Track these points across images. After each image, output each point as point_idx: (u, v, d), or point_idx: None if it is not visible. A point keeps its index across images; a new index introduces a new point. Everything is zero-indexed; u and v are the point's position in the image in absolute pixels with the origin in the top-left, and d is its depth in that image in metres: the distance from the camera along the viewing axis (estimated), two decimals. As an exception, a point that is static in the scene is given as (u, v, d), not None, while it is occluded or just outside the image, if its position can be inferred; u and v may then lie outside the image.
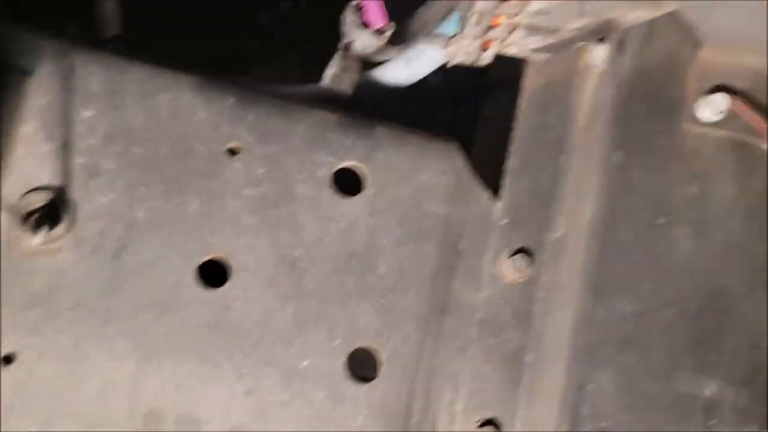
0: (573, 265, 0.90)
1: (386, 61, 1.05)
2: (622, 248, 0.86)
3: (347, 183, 0.98)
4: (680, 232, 0.88)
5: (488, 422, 0.93)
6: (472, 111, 1.26)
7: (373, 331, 0.95)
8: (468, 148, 1.06)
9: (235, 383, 0.90)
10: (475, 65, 0.97)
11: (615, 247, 0.86)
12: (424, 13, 1.02)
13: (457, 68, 1.45)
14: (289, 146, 0.96)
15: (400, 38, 0.99)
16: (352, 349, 0.94)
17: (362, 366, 0.95)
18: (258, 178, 0.94)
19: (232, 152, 0.94)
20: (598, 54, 0.99)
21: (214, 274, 0.93)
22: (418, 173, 0.98)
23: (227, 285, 0.92)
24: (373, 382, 0.93)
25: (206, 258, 0.92)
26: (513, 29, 0.88)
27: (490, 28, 0.87)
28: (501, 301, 0.97)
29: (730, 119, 0.89)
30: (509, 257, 0.97)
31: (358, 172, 0.97)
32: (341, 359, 0.93)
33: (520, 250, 0.97)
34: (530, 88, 1.02)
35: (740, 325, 0.86)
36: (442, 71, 1.45)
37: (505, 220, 0.99)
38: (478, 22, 0.85)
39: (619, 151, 0.89)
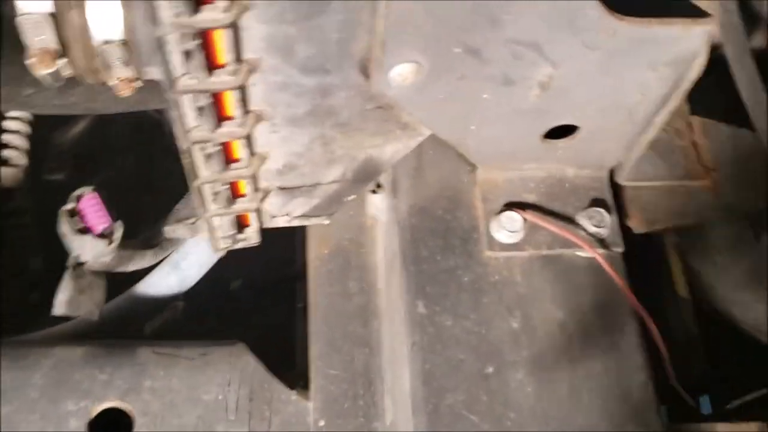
0: (408, 455, 0.72)
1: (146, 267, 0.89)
2: (453, 416, 0.69)
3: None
4: (515, 377, 0.72)
5: None
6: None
7: None
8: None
9: None
10: (250, 245, 0.83)
11: (445, 418, 0.69)
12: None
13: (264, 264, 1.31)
14: (25, 402, 0.75)
15: (149, 238, 0.84)
16: None
17: None
18: (-16, 457, 0.72)
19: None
20: (378, 204, 0.89)
21: None
22: (200, 393, 0.79)
23: None
24: None
25: None
26: (265, 195, 0.75)
27: (235, 198, 0.74)
28: None
29: (531, 235, 0.79)
30: (337, 466, 0.78)
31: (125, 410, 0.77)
32: None
33: (349, 453, 0.79)
34: (317, 259, 0.89)
35: (622, 470, 0.70)
36: (243, 272, 1.32)
37: (322, 422, 0.80)
38: (214, 198, 0.71)
39: (420, 302, 0.74)
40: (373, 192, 0.87)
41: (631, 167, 0.84)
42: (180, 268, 0.91)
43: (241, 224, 0.79)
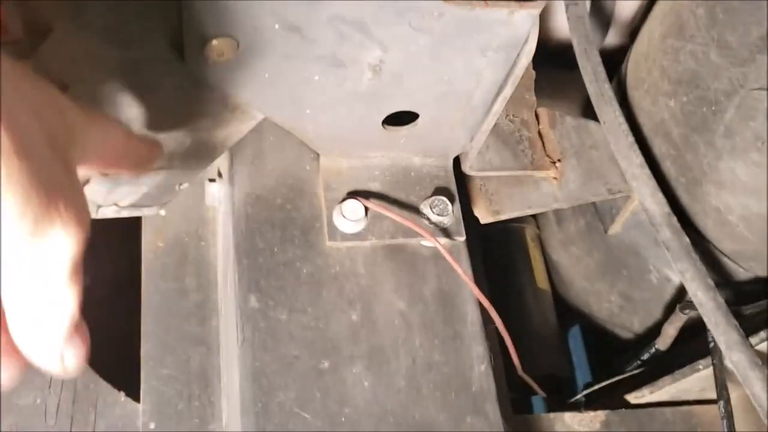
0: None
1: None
2: (284, 415, 0.66)
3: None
4: (352, 371, 0.70)
5: None
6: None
7: None
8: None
9: None
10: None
11: (275, 417, 0.66)
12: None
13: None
14: None
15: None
16: None
17: None
18: None
19: None
20: (215, 194, 0.84)
21: None
22: (15, 398, 0.72)
23: None
24: None
25: None
26: (84, 182, 0.69)
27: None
28: None
29: (374, 225, 0.76)
30: (167, 472, 0.73)
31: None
32: None
33: (181, 459, 0.74)
34: (151, 253, 0.84)
35: (458, 462, 0.68)
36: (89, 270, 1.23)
37: (153, 424, 0.75)
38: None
39: (252, 296, 0.71)
40: (212, 181, 0.83)
41: (477, 157, 0.83)
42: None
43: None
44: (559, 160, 0.88)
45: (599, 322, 1.16)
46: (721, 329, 0.77)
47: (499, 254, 1.19)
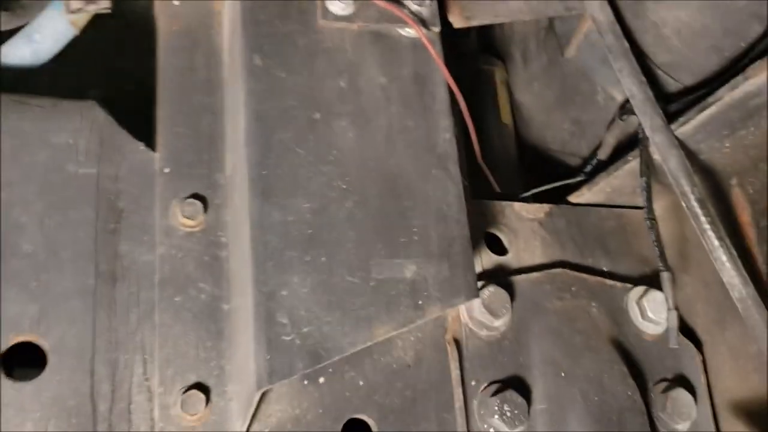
0: (242, 185, 0.82)
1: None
2: (283, 149, 0.80)
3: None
4: (339, 124, 0.83)
5: (194, 386, 0.80)
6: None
7: (29, 321, 0.78)
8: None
9: None
10: (102, 9, 0.88)
11: (275, 149, 0.80)
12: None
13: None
14: None
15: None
16: (7, 346, 0.76)
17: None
18: None
19: None
20: (226, -15, 0.96)
21: None
22: (50, 136, 0.85)
23: None
24: (38, 378, 0.76)
25: None
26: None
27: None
28: (181, 254, 0.86)
29: (362, 10, 0.89)
30: (180, 206, 0.87)
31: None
32: (-9, 361, 0.75)
33: (191, 197, 0.88)
34: (167, 33, 0.96)
35: (422, 203, 0.83)
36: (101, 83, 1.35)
37: (168, 169, 0.89)
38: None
39: (256, 56, 0.83)
40: (222, -29, 0.94)
41: (454, -33, 0.96)
42: (33, 40, 0.94)
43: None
44: (525, -22, 1.01)
45: (554, 154, 1.31)
46: (648, 116, 0.92)
47: (469, 93, 1.32)
